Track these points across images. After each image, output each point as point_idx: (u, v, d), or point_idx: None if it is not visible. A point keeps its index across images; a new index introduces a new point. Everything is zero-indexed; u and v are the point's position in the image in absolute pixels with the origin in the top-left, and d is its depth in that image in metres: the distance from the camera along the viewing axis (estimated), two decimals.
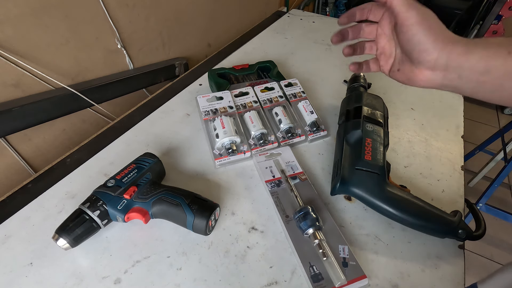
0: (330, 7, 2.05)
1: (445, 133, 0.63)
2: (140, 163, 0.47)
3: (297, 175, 0.50)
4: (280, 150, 0.54)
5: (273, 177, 0.50)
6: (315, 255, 0.39)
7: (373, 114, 0.53)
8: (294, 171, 0.51)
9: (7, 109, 0.56)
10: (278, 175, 0.50)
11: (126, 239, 0.43)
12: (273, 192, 0.47)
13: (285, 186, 0.48)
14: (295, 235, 0.42)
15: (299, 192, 0.47)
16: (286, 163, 0.52)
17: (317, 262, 0.38)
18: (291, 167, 0.51)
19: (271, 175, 0.50)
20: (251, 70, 0.73)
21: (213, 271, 0.40)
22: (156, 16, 0.81)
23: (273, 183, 0.49)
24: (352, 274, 0.37)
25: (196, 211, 0.41)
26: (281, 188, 0.48)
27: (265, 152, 0.53)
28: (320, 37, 0.96)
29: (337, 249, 0.39)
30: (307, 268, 0.38)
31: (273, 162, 0.52)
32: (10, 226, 0.44)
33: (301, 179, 0.50)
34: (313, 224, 0.41)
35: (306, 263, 0.38)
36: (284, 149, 0.54)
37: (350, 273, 0.37)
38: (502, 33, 2.10)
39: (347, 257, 0.39)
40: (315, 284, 0.36)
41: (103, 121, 0.76)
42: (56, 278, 0.39)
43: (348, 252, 0.39)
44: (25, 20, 0.55)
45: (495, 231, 1.51)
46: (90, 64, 0.70)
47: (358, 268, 0.38)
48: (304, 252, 0.39)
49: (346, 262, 0.38)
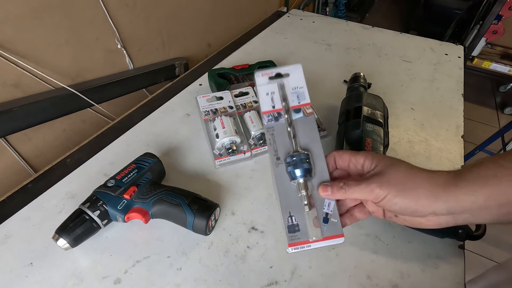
0: (330, 7, 2.05)
1: (445, 133, 0.63)
2: (140, 163, 0.47)
3: (302, 108, 0.41)
4: (289, 69, 0.43)
5: (272, 107, 0.41)
6: (298, 205, 0.37)
7: (373, 114, 0.53)
8: (299, 101, 0.42)
9: (7, 109, 0.56)
10: (279, 106, 0.41)
11: (126, 239, 0.43)
12: (268, 128, 0.40)
13: (283, 121, 0.40)
14: (282, 180, 0.37)
15: (299, 131, 0.40)
16: (293, 89, 0.42)
17: (297, 212, 0.36)
18: (297, 96, 0.42)
19: (271, 104, 0.41)
20: (251, 70, 0.73)
21: (213, 271, 0.40)
22: (156, 16, 0.81)
23: (270, 116, 0.40)
24: (330, 231, 0.35)
25: (196, 211, 0.41)
26: (278, 123, 0.40)
27: (270, 71, 0.43)
28: (320, 37, 0.96)
29: (322, 202, 0.37)
30: (285, 218, 0.36)
31: (278, 85, 0.42)
32: (10, 226, 0.44)
33: (306, 113, 0.41)
34: (304, 174, 0.36)
35: (286, 212, 0.36)
36: (295, 68, 0.43)
37: (328, 230, 0.35)
38: (502, 33, 2.10)
39: (330, 213, 0.36)
40: (290, 235, 0.35)
41: (103, 121, 0.76)
42: (56, 278, 0.39)
43: (332, 208, 0.36)
44: (25, 20, 0.55)
45: (495, 231, 1.51)
46: (90, 64, 0.70)
47: (338, 226, 0.36)
48: (288, 200, 0.37)
49: (327, 218, 0.36)
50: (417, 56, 0.88)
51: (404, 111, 0.69)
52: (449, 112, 0.69)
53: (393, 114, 0.66)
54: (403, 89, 0.75)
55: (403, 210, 0.30)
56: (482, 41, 2.17)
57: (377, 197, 0.30)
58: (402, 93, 0.73)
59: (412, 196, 0.29)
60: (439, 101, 0.72)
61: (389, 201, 0.30)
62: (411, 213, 0.30)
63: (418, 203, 0.29)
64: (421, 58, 0.87)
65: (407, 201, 0.29)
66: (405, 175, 0.30)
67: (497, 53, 2.45)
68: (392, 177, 0.30)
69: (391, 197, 0.29)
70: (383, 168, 0.31)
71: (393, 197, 0.29)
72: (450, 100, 0.72)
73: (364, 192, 0.31)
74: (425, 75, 0.80)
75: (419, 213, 0.29)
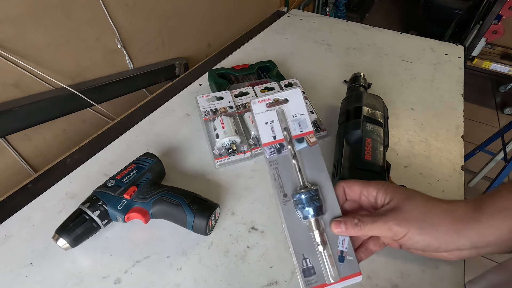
0: (330, 7, 2.05)
1: (445, 133, 0.63)
2: (140, 163, 0.47)
3: (305, 137, 0.37)
4: (287, 95, 0.38)
5: (273, 138, 0.37)
6: (311, 245, 0.34)
7: (373, 114, 0.53)
8: (302, 129, 0.38)
9: (7, 109, 0.56)
10: (280, 136, 0.37)
11: (126, 239, 0.43)
12: (272, 161, 0.36)
13: (287, 152, 0.37)
14: (292, 219, 0.35)
15: (304, 163, 0.36)
16: (293, 116, 0.38)
17: (311, 253, 0.34)
18: (299, 123, 0.38)
19: (271, 135, 0.37)
20: (251, 70, 0.73)
21: (213, 271, 0.40)
22: (156, 16, 0.81)
23: (272, 148, 0.37)
24: (347, 271, 0.33)
25: (196, 211, 0.41)
26: (282, 155, 0.37)
27: (267, 98, 0.38)
28: (320, 37, 0.96)
29: (336, 239, 0.34)
30: (299, 261, 0.33)
31: (276, 114, 0.38)
32: (10, 226, 0.44)
33: (310, 142, 0.37)
34: (315, 212, 0.34)
35: (300, 255, 0.34)
36: (293, 93, 0.39)
37: (344, 269, 0.33)
38: (502, 33, 2.10)
39: (346, 250, 0.34)
40: (305, 279, 0.33)
41: (103, 121, 0.76)
42: (56, 278, 0.39)
43: (347, 245, 0.34)
44: (25, 20, 0.55)
45: None
46: (90, 64, 0.70)
47: (354, 264, 0.34)
48: (299, 241, 0.34)
49: (343, 257, 0.34)
50: (417, 56, 0.88)
51: (404, 111, 0.69)
52: (449, 112, 0.69)
53: (393, 114, 0.66)
54: (403, 89, 0.75)
55: (425, 247, 0.29)
56: (482, 41, 2.17)
57: (396, 235, 0.29)
58: (402, 93, 0.73)
59: (434, 234, 0.28)
60: (439, 101, 0.72)
61: (410, 239, 0.29)
62: (434, 250, 0.29)
63: (440, 241, 0.28)
64: (421, 58, 0.87)
65: (429, 239, 0.28)
66: (423, 210, 0.29)
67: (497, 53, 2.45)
68: (410, 214, 0.29)
69: (411, 235, 0.29)
70: (399, 203, 0.30)
71: (414, 235, 0.29)
72: (450, 100, 0.72)
73: (382, 230, 0.30)
74: (425, 75, 0.80)
75: (442, 249, 0.29)
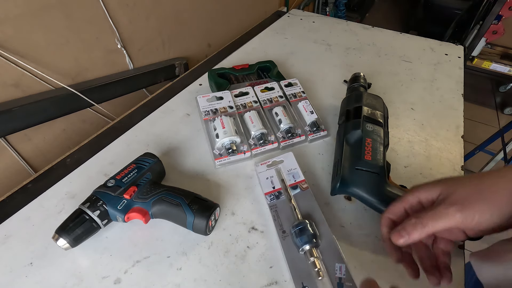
0: (330, 7, 2.05)
1: (445, 133, 0.63)
2: (140, 163, 0.47)
3: (298, 184, 0.48)
4: (282, 157, 0.52)
5: (273, 188, 0.48)
6: (310, 273, 0.37)
7: (373, 114, 0.53)
8: (295, 179, 0.49)
9: (7, 109, 0.56)
10: (278, 186, 0.48)
11: (126, 239, 0.43)
12: (272, 206, 0.45)
13: (284, 198, 0.46)
14: (291, 251, 0.39)
15: (299, 204, 0.45)
16: (288, 171, 0.50)
17: (310, 282, 0.36)
18: (293, 175, 0.49)
19: (271, 186, 0.48)
20: (251, 70, 0.73)
21: (213, 271, 0.40)
22: (156, 16, 0.81)
23: (272, 196, 0.47)
24: None
25: (196, 211, 0.41)
26: (280, 200, 0.46)
27: (267, 160, 0.50)
28: (320, 37, 0.96)
29: (333, 267, 0.37)
30: None
31: (275, 171, 0.50)
32: (10, 226, 0.44)
33: (302, 188, 0.47)
34: (310, 240, 0.38)
35: (299, 283, 0.36)
36: (287, 156, 0.52)
37: None
38: (502, 33, 2.10)
39: (344, 277, 0.36)
40: None
41: (103, 121, 0.76)
42: (56, 278, 0.39)
43: (345, 272, 0.37)
44: (25, 20, 0.55)
45: None
46: (90, 64, 0.70)
47: None
48: (298, 270, 0.37)
49: (341, 283, 0.35)
50: (417, 56, 0.88)
51: (404, 111, 0.69)
52: (449, 112, 0.69)
53: (393, 114, 0.66)
54: (403, 89, 0.75)
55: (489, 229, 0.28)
56: (482, 41, 2.17)
57: (459, 219, 0.27)
58: (402, 93, 0.73)
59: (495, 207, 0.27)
60: (439, 101, 0.72)
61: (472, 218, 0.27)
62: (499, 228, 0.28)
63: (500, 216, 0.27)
64: (421, 58, 0.87)
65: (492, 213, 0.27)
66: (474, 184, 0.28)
67: (497, 53, 2.45)
68: (465, 192, 0.28)
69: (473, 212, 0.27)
70: (448, 190, 0.29)
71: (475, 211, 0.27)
72: (450, 100, 0.72)
73: (445, 220, 0.28)
74: (425, 75, 0.80)
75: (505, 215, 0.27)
